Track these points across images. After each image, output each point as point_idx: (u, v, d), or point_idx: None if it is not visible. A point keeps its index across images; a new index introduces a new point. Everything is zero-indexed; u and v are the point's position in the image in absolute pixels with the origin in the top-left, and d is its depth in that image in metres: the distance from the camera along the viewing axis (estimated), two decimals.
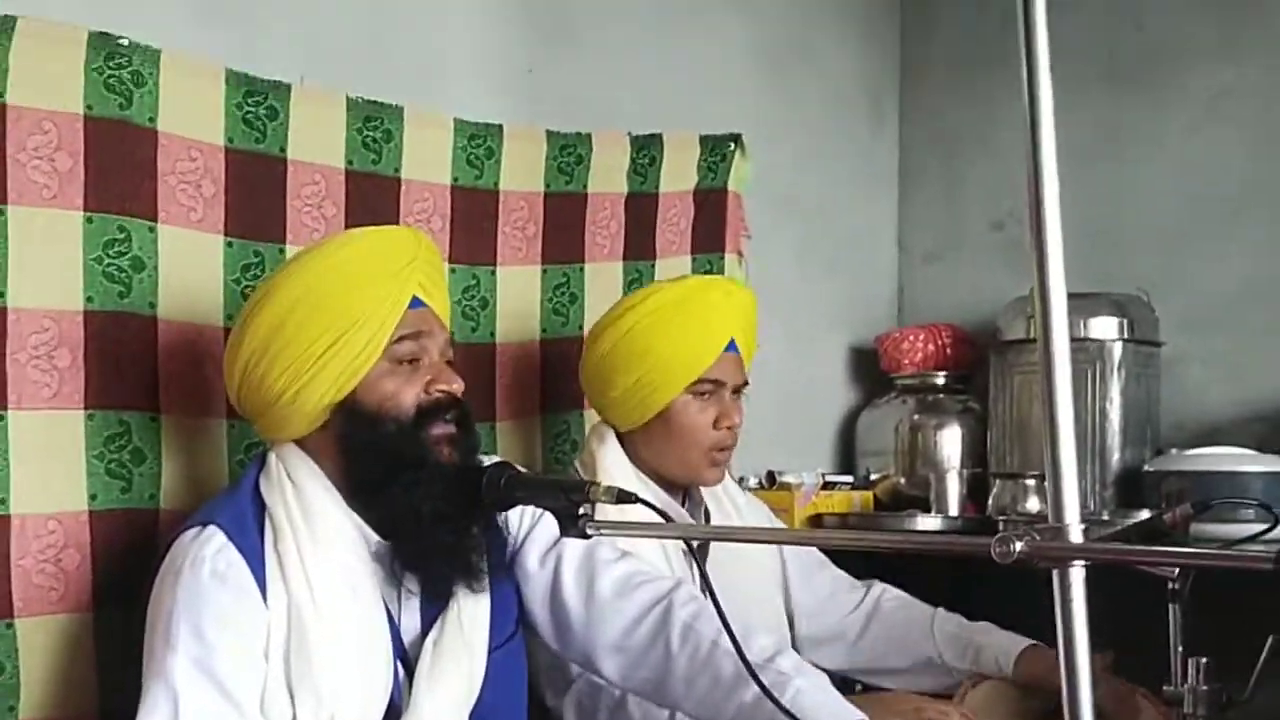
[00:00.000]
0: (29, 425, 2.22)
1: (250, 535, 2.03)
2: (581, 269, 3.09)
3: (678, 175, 3.21)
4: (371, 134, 2.71)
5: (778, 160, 3.47)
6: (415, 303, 2.11)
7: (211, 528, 2.02)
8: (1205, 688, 2.06)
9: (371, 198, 2.72)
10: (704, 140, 3.24)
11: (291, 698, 1.96)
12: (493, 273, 2.95)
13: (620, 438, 2.66)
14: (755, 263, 3.32)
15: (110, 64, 2.31)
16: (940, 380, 3.66)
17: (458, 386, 2.12)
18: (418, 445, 2.08)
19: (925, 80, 3.97)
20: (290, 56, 2.62)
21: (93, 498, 2.30)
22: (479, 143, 2.90)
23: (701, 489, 2.74)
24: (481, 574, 2.13)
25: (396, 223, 2.74)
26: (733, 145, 3.26)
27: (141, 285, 2.37)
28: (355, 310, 2.05)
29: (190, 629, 1.92)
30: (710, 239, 3.26)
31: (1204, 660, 2.06)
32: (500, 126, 2.94)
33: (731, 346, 2.61)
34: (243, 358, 2.09)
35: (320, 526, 2.06)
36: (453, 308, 2.71)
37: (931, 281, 3.94)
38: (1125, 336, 3.28)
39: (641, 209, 3.17)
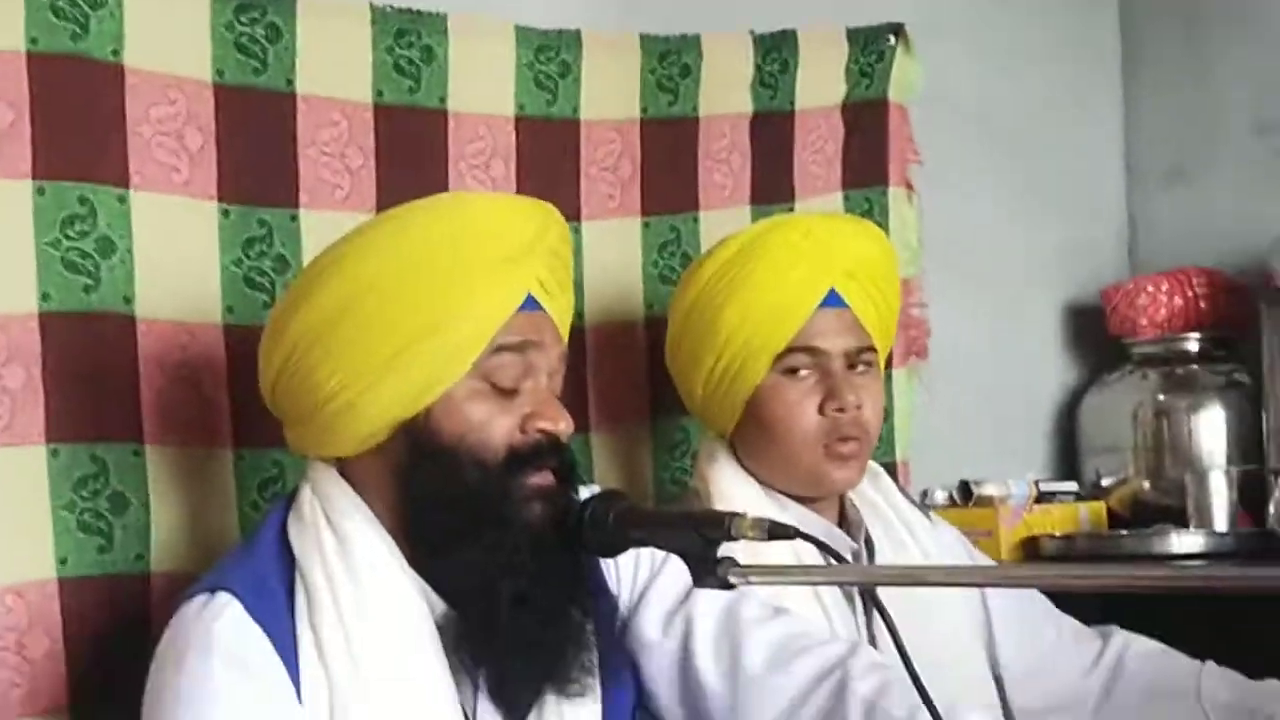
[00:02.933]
0: None
1: (276, 604, 2.02)
2: (696, 219, 3.11)
3: (820, 85, 3.22)
4: (406, 53, 2.74)
5: (957, 60, 3.46)
6: (529, 303, 2.08)
7: (224, 595, 2.00)
8: None
9: (410, 139, 2.75)
10: (853, 35, 3.24)
11: None
12: (577, 230, 2.94)
13: (734, 450, 2.66)
14: (931, 198, 3.31)
15: None
16: (1194, 345, 3.64)
17: (565, 427, 2.09)
18: (505, 499, 2.05)
19: None
20: None
21: (62, 562, 2.31)
22: (550, 56, 2.92)
23: (864, 511, 2.71)
24: (580, 678, 2.11)
25: (445, 170, 2.78)
26: (893, 40, 3.26)
27: (113, 274, 2.39)
28: (450, 302, 2.04)
29: None
30: (867, 168, 3.27)
31: None
32: (578, 33, 2.96)
33: (832, 299, 2.55)
34: (289, 340, 2.08)
35: (372, 591, 2.05)
36: None
37: (1175, 212, 3.90)
38: None
39: (773, 134, 3.19)
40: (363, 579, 2.05)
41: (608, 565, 2.26)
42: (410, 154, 2.72)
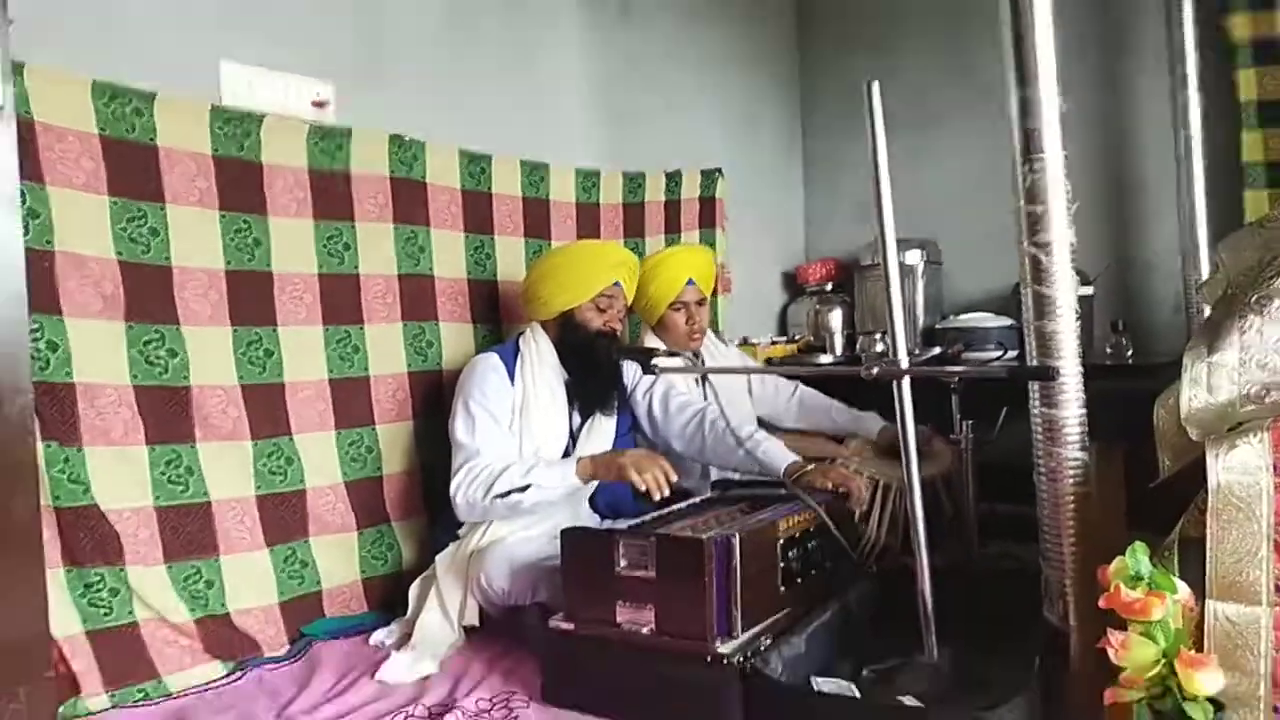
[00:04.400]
0: (374, 332, 2.23)
1: (509, 360, 2.12)
2: (644, 241, 3.05)
3: (690, 191, 3.17)
4: (533, 180, 2.70)
5: (740, 178, 3.40)
6: (617, 284, 2.18)
7: (491, 353, 2.13)
8: (972, 435, 2.08)
9: (536, 214, 2.70)
10: (704, 172, 3.19)
11: (519, 440, 2.06)
12: None
13: (654, 330, 2.60)
14: (732, 233, 3.27)
15: (396, 147, 2.31)
16: (829, 288, 3.59)
17: (619, 327, 2.21)
18: (593, 345, 2.15)
19: (817, 135, 3.85)
20: (492, 139, 2.59)
21: (409, 364, 2.30)
22: (590, 181, 2.89)
23: (702, 348, 2.65)
24: (611, 410, 2.20)
25: (549, 225, 2.73)
26: (718, 173, 3.20)
27: (425, 259, 2.37)
28: (589, 275, 2.15)
29: (479, 389, 2.04)
30: (709, 221, 3.18)
31: (970, 421, 2.08)
32: (598, 171, 2.91)
33: (690, 282, 2.50)
34: (534, 275, 2.22)
35: (544, 363, 2.14)
36: None
37: (821, 237, 3.84)
38: (924, 260, 3.24)
39: (674, 208, 3.13)
40: (541, 359, 2.13)
41: (625, 370, 2.29)
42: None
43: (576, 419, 2.18)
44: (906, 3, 3.50)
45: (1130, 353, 2.82)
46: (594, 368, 2.15)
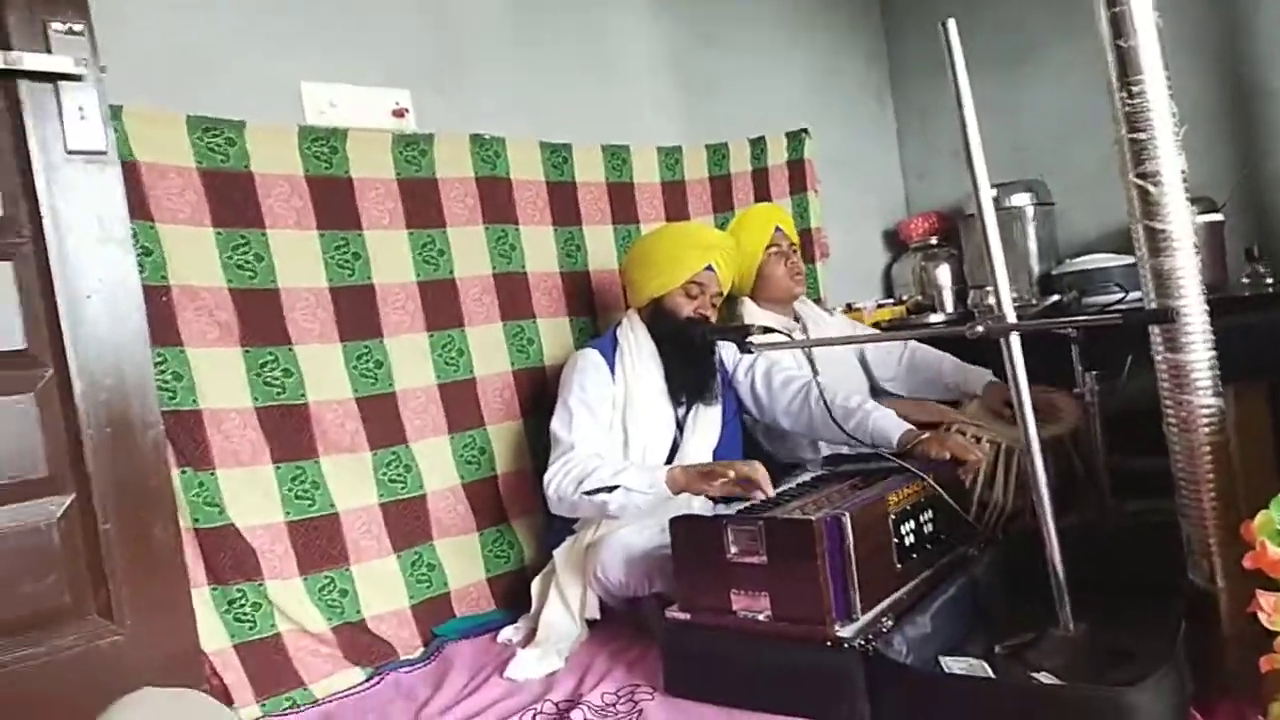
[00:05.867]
0: (476, 334, 2.29)
1: (609, 354, 2.13)
2: (734, 214, 2.99)
3: (776, 155, 3.12)
4: (615, 164, 2.70)
5: (830, 139, 3.32)
6: (709, 268, 2.16)
7: (590, 349, 2.13)
8: (1096, 387, 1.99)
9: (622, 199, 2.70)
10: (789, 135, 3.14)
11: (625, 434, 2.07)
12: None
13: (753, 297, 2.57)
14: (825, 194, 3.21)
15: (477, 146, 2.34)
16: (934, 241, 3.47)
17: (711, 314, 2.19)
18: (686, 332, 2.13)
19: (907, 81, 3.72)
20: (571, 128, 2.61)
21: (512, 363, 2.34)
22: (672, 158, 2.87)
23: (804, 316, 2.61)
24: (713, 398, 2.17)
25: (635, 208, 2.72)
26: (804, 134, 3.15)
27: (517, 257, 2.40)
28: (676, 259, 2.14)
29: (579, 384, 2.05)
30: (799, 185, 3.15)
31: (1094, 372, 1.98)
32: (680, 147, 2.89)
33: (778, 230, 2.51)
34: (626, 261, 2.28)
35: (643, 356, 2.14)
36: None
37: (922, 189, 3.72)
38: (1034, 202, 3.09)
39: (761, 177, 3.09)
40: (640, 350, 2.13)
41: (722, 353, 2.28)
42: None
43: (681, 409, 2.18)
44: None
45: (1270, 280, 2.64)
46: (688, 355, 2.13)
